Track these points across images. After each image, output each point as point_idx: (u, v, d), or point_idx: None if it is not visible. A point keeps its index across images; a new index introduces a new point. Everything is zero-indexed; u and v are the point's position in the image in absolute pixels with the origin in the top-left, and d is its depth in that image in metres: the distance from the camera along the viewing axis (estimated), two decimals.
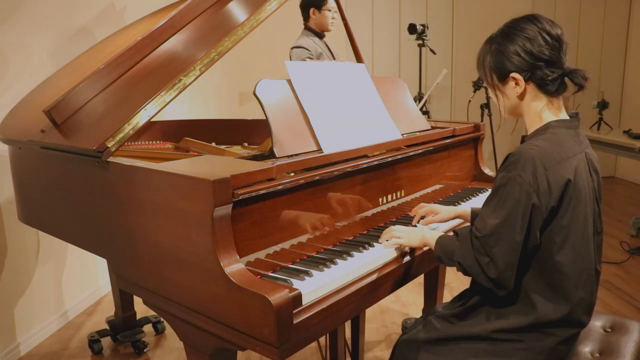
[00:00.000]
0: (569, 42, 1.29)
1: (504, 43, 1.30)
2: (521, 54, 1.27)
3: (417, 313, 2.83)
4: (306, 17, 3.35)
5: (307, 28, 3.36)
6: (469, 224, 1.65)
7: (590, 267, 1.29)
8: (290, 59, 3.27)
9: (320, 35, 3.34)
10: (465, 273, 1.28)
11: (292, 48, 3.27)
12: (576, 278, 1.25)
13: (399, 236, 1.50)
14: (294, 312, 1.12)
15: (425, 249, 1.52)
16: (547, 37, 1.26)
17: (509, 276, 1.21)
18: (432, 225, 1.68)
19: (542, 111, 1.31)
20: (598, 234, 1.34)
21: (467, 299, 1.39)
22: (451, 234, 1.38)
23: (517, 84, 1.31)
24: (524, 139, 1.34)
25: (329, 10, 3.25)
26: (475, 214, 1.62)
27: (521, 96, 1.32)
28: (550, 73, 1.27)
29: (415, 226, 1.69)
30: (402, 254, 1.49)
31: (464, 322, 1.35)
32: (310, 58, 3.18)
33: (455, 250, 1.30)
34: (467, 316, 1.36)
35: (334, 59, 3.34)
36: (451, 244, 1.33)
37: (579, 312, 1.27)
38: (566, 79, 1.29)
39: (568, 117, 1.33)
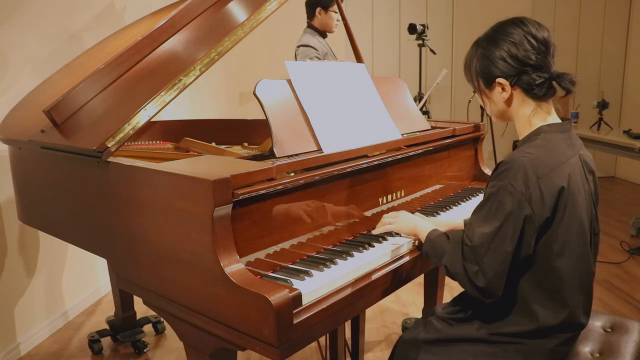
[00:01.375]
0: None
1: (489, 48, 1.28)
2: (507, 59, 1.25)
3: (417, 313, 2.83)
4: (311, 15, 3.31)
5: (310, 27, 3.31)
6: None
7: (589, 270, 1.29)
8: (296, 58, 3.24)
9: (323, 34, 3.32)
10: (451, 277, 1.27)
11: (299, 46, 3.22)
12: (575, 282, 1.24)
13: (390, 222, 1.49)
14: (294, 312, 1.12)
15: None
16: (533, 41, 1.24)
17: (498, 285, 1.20)
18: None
19: (530, 116, 1.29)
20: (595, 235, 1.32)
21: (465, 304, 1.38)
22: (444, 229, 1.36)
23: (503, 89, 1.28)
24: (516, 144, 1.33)
25: (336, 12, 3.22)
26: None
27: (508, 101, 1.30)
28: (537, 78, 1.25)
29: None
30: (403, 254, 1.49)
31: (463, 325, 1.35)
32: (318, 57, 3.14)
33: (445, 253, 1.28)
34: (467, 320, 1.35)
35: (336, 59, 3.33)
36: (442, 245, 1.31)
37: (578, 315, 1.27)
38: (554, 82, 1.26)
39: (559, 120, 1.31)
